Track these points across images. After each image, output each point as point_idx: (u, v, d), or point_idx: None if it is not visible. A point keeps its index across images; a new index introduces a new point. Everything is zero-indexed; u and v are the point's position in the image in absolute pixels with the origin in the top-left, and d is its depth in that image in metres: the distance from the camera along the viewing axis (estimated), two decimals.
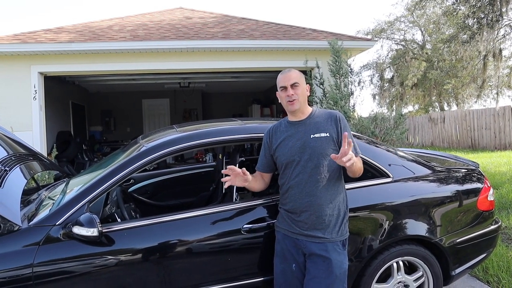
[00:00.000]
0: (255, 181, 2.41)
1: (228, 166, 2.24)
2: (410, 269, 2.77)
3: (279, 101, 2.37)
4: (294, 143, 2.27)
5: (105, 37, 7.45)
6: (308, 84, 2.37)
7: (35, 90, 7.15)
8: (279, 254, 2.33)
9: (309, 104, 2.43)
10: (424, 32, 23.38)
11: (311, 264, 2.22)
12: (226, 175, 2.26)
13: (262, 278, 2.46)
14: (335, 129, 2.26)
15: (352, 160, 2.03)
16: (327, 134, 2.24)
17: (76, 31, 7.92)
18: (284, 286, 2.30)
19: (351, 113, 6.64)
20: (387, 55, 25.00)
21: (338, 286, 2.20)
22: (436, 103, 24.68)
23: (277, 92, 2.37)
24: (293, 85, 2.26)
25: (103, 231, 2.19)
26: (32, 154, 3.50)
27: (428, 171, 2.91)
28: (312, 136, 2.24)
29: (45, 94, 7.48)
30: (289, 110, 2.31)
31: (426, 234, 2.69)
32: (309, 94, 2.37)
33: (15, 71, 7.14)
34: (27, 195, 3.22)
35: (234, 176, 2.25)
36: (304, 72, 6.87)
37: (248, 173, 2.27)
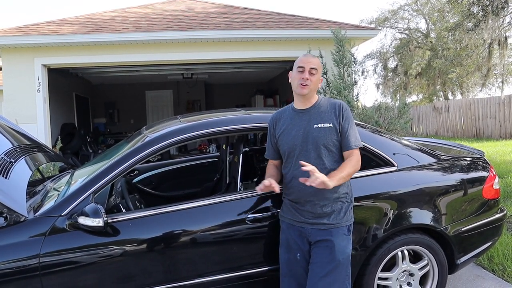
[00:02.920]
0: (276, 177, 2.37)
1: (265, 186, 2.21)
2: (415, 258, 2.77)
3: (289, 81, 2.33)
4: (297, 132, 2.26)
5: (108, 28, 7.43)
6: (321, 78, 2.35)
7: (39, 83, 7.15)
8: (284, 244, 2.34)
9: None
10: (428, 20, 23.17)
11: (315, 250, 2.23)
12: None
13: (266, 268, 2.47)
14: (337, 119, 2.24)
15: (318, 180, 2.01)
16: (330, 125, 2.23)
17: (79, 23, 7.90)
18: (289, 276, 2.31)
19: (355, 102, 6.61)
20: (391, 44, 24.84)
21: (340, 271, 2.21)
22: (441, 92, 24.53)
23: (290, 72, 2.33)
24: (311, 70, 2.23)
25: (108, 221, 2.20)
26: (37, 146, 3.51)
27: (433, 160, 2.90)
28: (315, 126, 2.23)
29: (49, 86, 7.48)
30: (298, 93, 2.26)
31: (431, 223, 2.69)
32: (320, 86, 2.35)
33: (19, 63, 7.14)
34: (33, 186, 3.23)
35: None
36: None
37: (274, 184, 2.21)
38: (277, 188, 2.22)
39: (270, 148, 2.43)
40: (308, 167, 2.05)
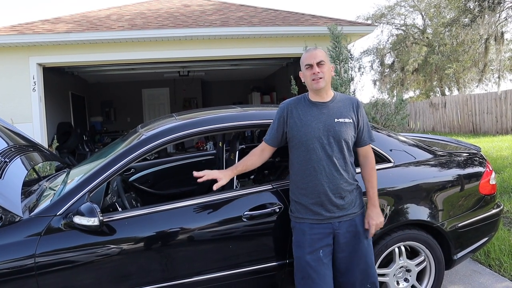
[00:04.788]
0: (253, 164, 2.43)
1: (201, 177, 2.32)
2: (412, 254, 2.78)
3: (303, 81, 2.34)
4: (316, 124, 2.25)
5: (103, 26, 7.40)
6: (332, 64, 2.35)
7: (34, 82, 7.11)
8: (305, 245, 2.25)
9: None
10: (424, 16, 23.20)
11: (344, 242, 2.27)
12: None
13: (263, 265, 2.46)
14: (355, 116, 2.31)
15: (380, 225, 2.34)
16: (350, 120, 2.28)
17: (73, 21, 7.86)
18: (313, 277, 2.22)
19: None
20: (388, 40, 24.89)
21: (371, 249, 2.36)
22: (437, 88, 24.58)
23: (300, 72, 2.34)
24: (319, 63, 2.23)
25: (104, 220, 2.19)
26: (32, 145, 3.49)
27: (430, 156, 2.90)
28: (336, 120, 2.25)
29: (44, 85, 7.45)
30: (314, 89, 2.27)
31: (428, 219, 2.69)
32: (333, 74, 2.35)
33: (14, 62, 7.10)
34: (28, 186, 3.22)
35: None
36: None
37: (219, 176, 2.35)
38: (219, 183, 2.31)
39: (273, 134, 2.37)
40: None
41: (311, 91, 2.32)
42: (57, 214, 2.22)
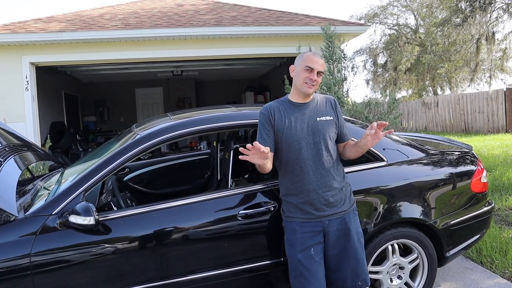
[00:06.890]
0: (269, 161, 2.27)
1: (254, 143, 2.03)
2: (405, 251, 2.81)
3: (291, 75, 2.33)
4: (301, 125, 2.27)
5: (96, 26, 7.37)
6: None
7: (27, 81, 7.07)
8: (297, 243, 2.27)
9: None
10: (417, 16, 23.32)
11: (334, 240, 2.28)
12: (243, 153, 2.08)
13: (258, 263, 2.48)
14: (335, 113, 2.37)
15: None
16: (331, 118, 2.33)
17: (66, 20, 7.82)
18: (305, 275, 2.24)
19: (345, 98, 6.63)
20: (380, 40, 24.99)
21: (362, 248, 2.35)
22: (430, 88, 24.72)
23: (294, 65, 2.32)
24: (319, 73, 2.26)
25: (100, 219, 2.19)
26: (26, 145, 3.48)
27: (422, 154, 2.93)
28: (318, 119, 2.29)
29: (37, 85, 7.41)
30: (303, 92, 2.27)
31: (421, 217, 2.72)
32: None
33: (6, 61, 7.05)
34: (22, 185, 3.21)
35: (254, 153, 2.07)
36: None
37: (268, 150, 2.07)
38: (266, 150, 2.06)
39: (265, 139, 2.28)
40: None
41: (297, 91, 2.31)
42: (53, 213, 2.22)
